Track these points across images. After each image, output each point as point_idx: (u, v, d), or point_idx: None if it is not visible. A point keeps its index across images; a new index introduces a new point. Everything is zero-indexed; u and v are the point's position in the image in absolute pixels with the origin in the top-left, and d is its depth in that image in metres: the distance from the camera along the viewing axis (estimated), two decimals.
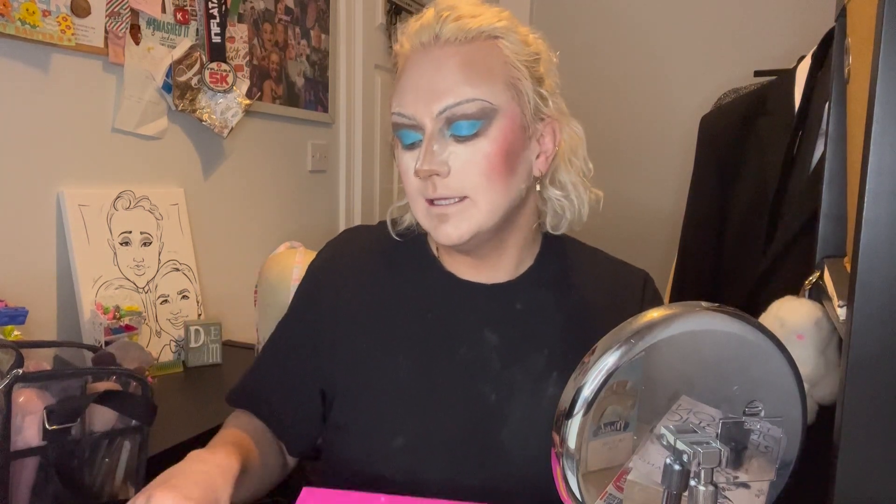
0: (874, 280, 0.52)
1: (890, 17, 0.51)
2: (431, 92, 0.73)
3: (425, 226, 0.78)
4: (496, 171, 0.74)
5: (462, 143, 0.73)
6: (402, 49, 0.79)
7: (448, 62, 0.73)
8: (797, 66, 1.35)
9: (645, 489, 0.52)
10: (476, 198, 0.74)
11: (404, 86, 0.76)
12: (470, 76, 0.73)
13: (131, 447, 0.92)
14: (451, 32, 0.74)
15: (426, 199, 0.76)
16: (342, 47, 2.34)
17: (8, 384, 0.79)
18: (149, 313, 1.51)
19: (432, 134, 0.73)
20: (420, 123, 0.74)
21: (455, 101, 0.72)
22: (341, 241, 0.92)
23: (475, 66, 0.73)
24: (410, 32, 0.78)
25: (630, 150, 2.68)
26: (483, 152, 0.73)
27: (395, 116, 0.77)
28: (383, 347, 0.81)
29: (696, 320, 0.52)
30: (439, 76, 0.73)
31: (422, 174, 0.73)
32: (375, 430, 0.79)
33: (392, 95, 0.79)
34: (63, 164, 1.39)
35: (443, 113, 0.73)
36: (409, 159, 0.76)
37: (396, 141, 0.79)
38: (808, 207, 1.14)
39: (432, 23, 0.75)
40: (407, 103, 0.75)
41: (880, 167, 0.52)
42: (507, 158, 0.74)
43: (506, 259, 0.82)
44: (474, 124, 0.73)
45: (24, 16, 1.23)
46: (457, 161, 0.74)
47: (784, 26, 2.44)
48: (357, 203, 2.47)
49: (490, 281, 0.83)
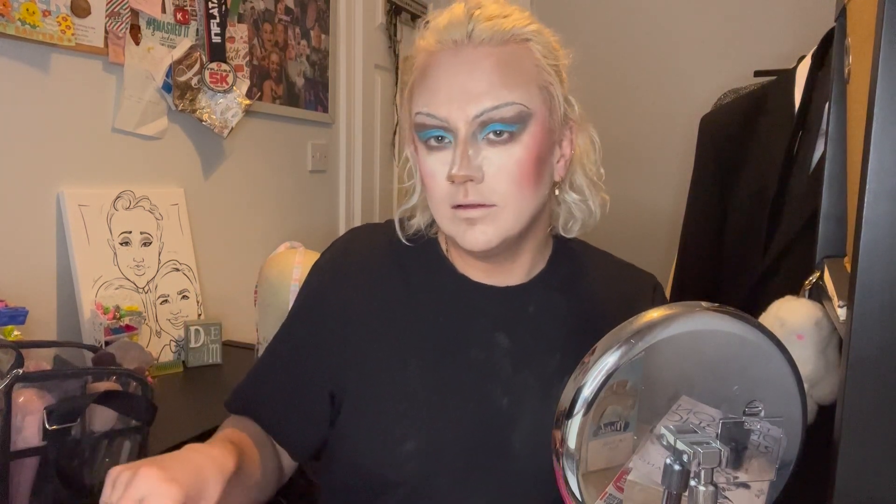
0: (874, 280, 0.52)
1: (890, 17, 0.51)
2: (466, 94, 0.71)
3: (450, 231, 0.76)
4: (527, 178, 0.72)
5: (495, 147, 0.71)
6: (427, 45, 0.75)
7: (483, 63, 0.71)
8: (797, 66, 1.35)
9: (645, 489, 0.52)
10: (505, 205, 0.72)
11: (434, 85, 0.73)
12: (506, 79, 0.71)
13: (131, 447, 0.92)
14: (485, 32, 0.72)
15: (452, 205, 0.73)
16: (342, 47, 2.34)
17: (8, 384, 0.79)
18: (149, 313, 1.51)
19: (466, 138, 0.71)
20: (453, 126, 0.71)
21: (493, 105, 0.70)
22: (349, 240, 0.89)
23: (510, 68, 0.71)
24: (438, 28, 0.74)
25: (630, 150, 2.68)
26: (515, 158, 0.71)
27: (422, 117, 0.73)
28: (394, 349, 0.79)
29: (696, 320, 0.52)
30: (474, 78, 0.71)
31: (458, 179, 0.71)
32: (385, 433, 0.77)
33: (414, 94, 0.76)
34: (63, 164, 1.39)
35: (479, 116, 0.70)
36: (437, 163, 0.74)
37: (418, 142, 0.76)
38: (808, 207, 1.14)
39: (463, 20, 0.72)
40: (438, 104, 0.72)
41: (880, 167, 0.52)
42: (538, 165, 0.73)
43: (520, 263, 0.81)
44: (510, 128, 0.71)
45: (24, 16, 1.23)
46: (490, 167, 0.71)
47: (784, 26, 2.44)
48: (357, 203, 2.47)
49: (502, 284, 0.81)
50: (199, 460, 0.65)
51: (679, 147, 2.52)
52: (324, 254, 0.90)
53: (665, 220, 2.56)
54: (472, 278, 0.82)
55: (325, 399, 0.82)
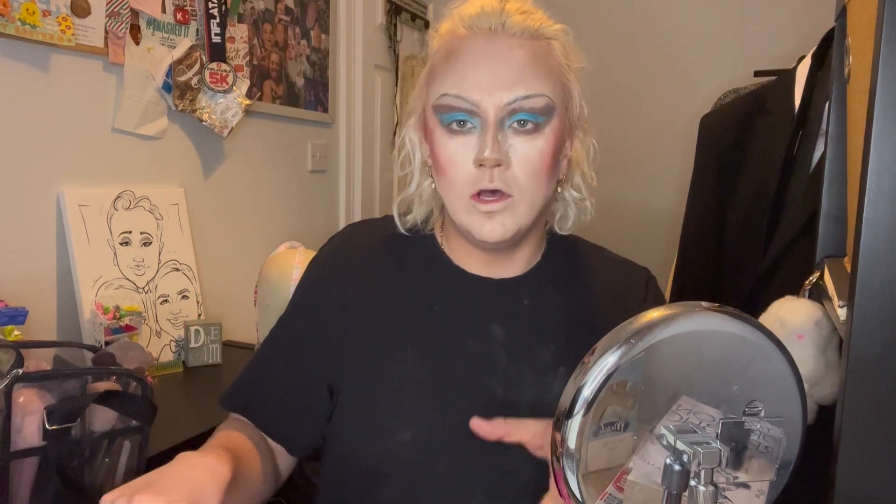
0: (874, 280, 0.52)
1: (890, 17, 0.51)
2: (499, 80, 0.72)
3: (465, 222, 0.76)
4: (544, 169, 0.74)
5: (521, 136, 0.73)
6: (455, 29, 0.76)
7: (517, 53, 0.73)
8: (797, 66, 1.35)
9: (645, 489, 0.52)
10: (520, 197, 0.74)
11: (465, 68, 0.73)
12: (537, 71, 0.73)
13: (131, 447, 0.92)
14: (517, 25, 0.74)
15: (472, 195, 0.74)
16: (342, 47, 2.34)
17: (8, 384, 0.79)
18: (149, 313, 1.51)
19: (496, 123, 0.72)
20: (482, 111, 0.72)
21: (525, 94, 0.72)
22: (346, 235, 0.90)
23: (541, 61, 0.74)
24: (468, 15, 0.76)
25: (630, 150, 2.68)
26: (538, 149, 0.73)
27: (449, 98, 0.73)
28: (390, 341, 0.80)
29: (696, 320, 0.52)
30: (507, 66, 0.72)
31: (489, 163, 0.71)
32: (381, 424, 0.78)
33: (437, 75, 0.76)
34: (63, 164, 1.39)
35: (511, 104, 0.72)
36: (459, 147, 0.74)
37: (437, 126, 0.76)
38: (808, 207, 1.14)
39: (496, 10, 0.74)
40: (469, 87, 0.72)
41: (880, 167, 0.52)
42: (555, 158, 0.75)
43: (518, 256, 0.83)
44: (537, 119, 0.73)
45: (24, 16, 1.23)
46: (515, 154, 0.73)
47: (784, 26, 2.44)
48: (357, 203, 2.47)
49: (498, 276, 0.83)
50: (195, 475, 0.64)
51: (679, 147, 2.52)
52: (322, 248, 0.90)
53: (665, 220, 2.56)
54: (468, 270, 0.83)
55: (325, 393, 0.83)
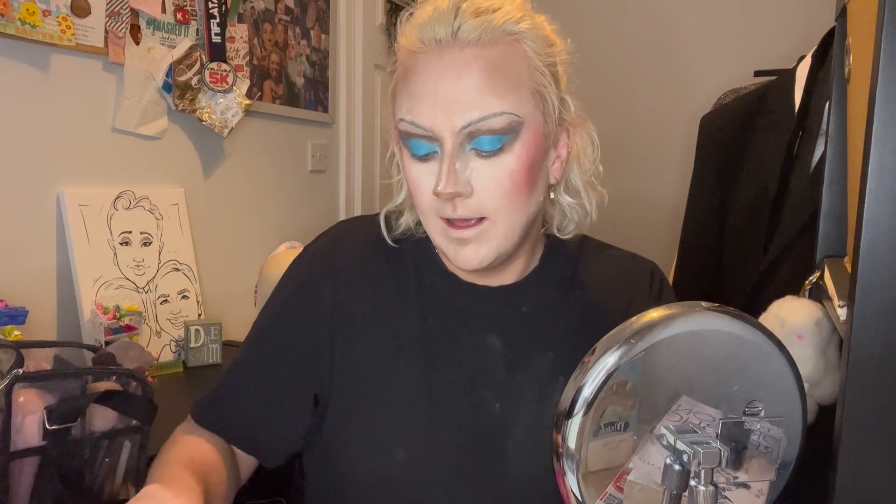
0: (874, 280, 0.52)
1: (890, 17, 0.51)
2: (452, 103, 0.65)
3: (442, 246, 0.73)
4: (518, 189, 0.68)
5: (485, 158, 0.67)
6: (410, 43, 0.69)
7: (470, 68, 0.65)
8: (797, 66, 1.35)
9: (645, 489, 0.52)
10: (496, 218, 0.69)
11: (417, 91, 0.67)
12: (495, 86, 0.65)
13: (131, 447, 0.92)
14: (472, 31, 0.66)
15: (443, 218, 0.70)
16: (342, 47, 2.34)
17: (8, 384, 0.79)
18: (149, 313, 1.51)
19: (453, 151, 0.66)
20: (438, 136, 0.67)
21: (480, 116, 0.65)
22: (339, 233, 0.84)
23: (500, 73, 0.66)
24: (421, 23, 0.68)
25: (630, 149, 2.68)
26: (507, 169, 0.67)
27: (405, 125, 0.69)
28: (383, 350, 0.76)
29: (696, 320, 0.52)
30: (461, 85, 0.65)
31: (444, 196, 0.67)
32: (375, 442, 0.74)
33: (397, 95, 0.71)
34: (63, 164, 1.39)
35: (466, 128, 0.65)
36: (423, 172, 0.69)
37: (402, 148, 0.72)
38: (808, 207, 1.14)
39: (448, 15, 0.66)
40: (422, 112, 0.67)
41: (880, 167, 0.52)
42: (530, 174, 0.69)
43: (513, 265, 0.78)
44: (500, 139, 0.66)
45: (24, 16, 1.23)
46: (479, 179, 0.67)
47: (784, 26, 2.44)
48: (357, 203, 2.47)
49: (496, 283, 0.79)
50: None
51: (679, 147, 2.52)
52: (309, 247, 0.85)
53: (665, 220, 2.56)
54: (464, 278, 0.79)
55: (309, 402, 0.78)
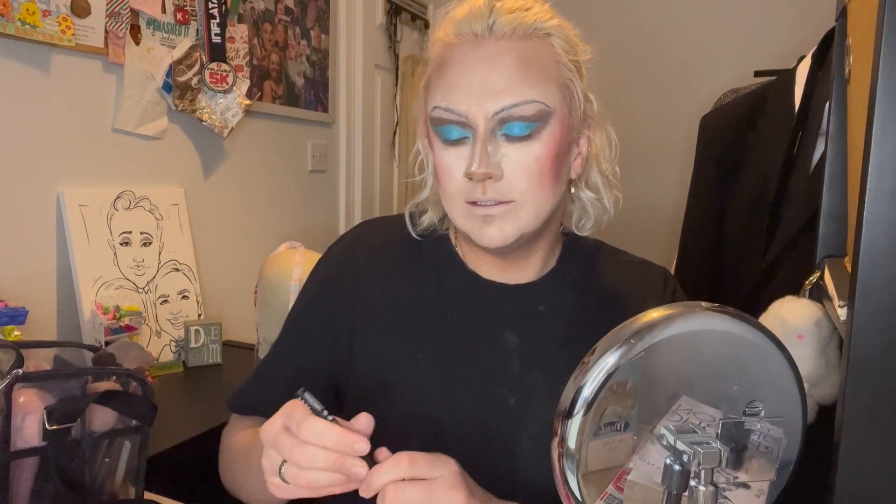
0: (874, 280, 0.52)
1: (890, 17, 0.51)
2: (486, 90, 0.69)
3: (465, 227, 0.75)
4: (546, 175, 0.72)
5: (514, 144, 0.71)
6: (446, 37, 0.74)
7: (504, 58, 0.70)
8: (797, 66, 1.35)
9: (645, 489, 0.52)
10: (523, 201, 0.72)
11: (453, 80, 0.71)
12: (527, 75, 0.70)
13: (131, 447, 0.92)
14: (507, 25, 0.70)
15: (468, 201, 0.73)
16: (342, 47, 2.34)
17: (8, 384, 0.79)
18: (149, 313, 1.51)
19: (486, 135, 0.70)
20: (472, 122, 0.70)
21: (513, 102, 0.69)
22: (361, 232, 0.88)
23: (532, 64, 0.70)
24: (457, 20, 0.73)
25: (630, 149, 2.66)
26: (535, 155, 0.71)
27: (439, 111, 0.72)
28: (402, 346, 0.79)
29: (696, 320, 0.52)
30: (495, 73, 0.70)
31: (477, 177, 0.70)
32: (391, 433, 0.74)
33: (430, 86, 0.75)
34: (63, 164, 1.39)
35: (499, 113, 0.69)
36: (453, 157, 0.73)
37: (433, 136, 0.75)
38: (808, 207, 1.14)
39: (484, 12, 0.71)
40: (457, 99, 0.71)
41: (880, 167, 0.52)
42: (556, 162, 0.72)
43: (532, 260, 0.81)
44: (530, 126, 0.70)
45: (24, 16, 1.23)
46: (508, 163, 0.71)
47: (784, 26, 2.44)
48: (357, 203, 2.47)
49: (513, 282, 0.81)
50: None
51: (679, 147, 2.52)
52: (332, 247, 0.88)
53: (665, 220, 2.56)
54: (483, 275, 0.81)
55: (331, 395, 0.82)
